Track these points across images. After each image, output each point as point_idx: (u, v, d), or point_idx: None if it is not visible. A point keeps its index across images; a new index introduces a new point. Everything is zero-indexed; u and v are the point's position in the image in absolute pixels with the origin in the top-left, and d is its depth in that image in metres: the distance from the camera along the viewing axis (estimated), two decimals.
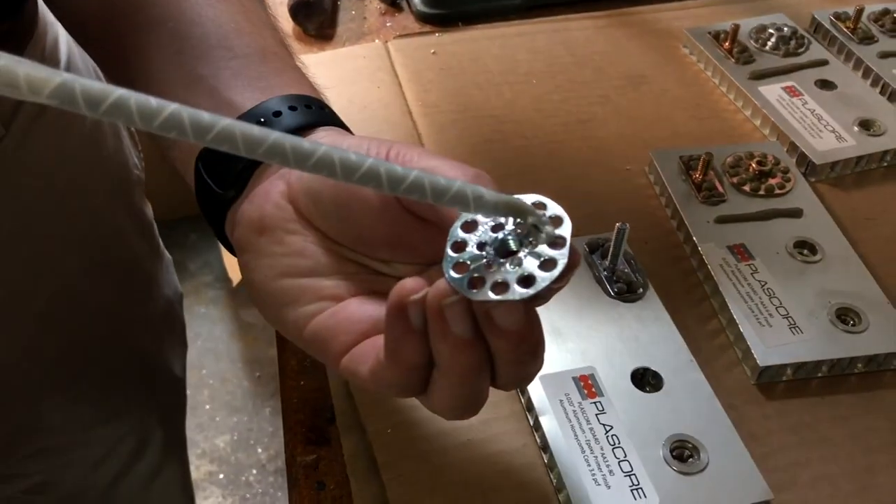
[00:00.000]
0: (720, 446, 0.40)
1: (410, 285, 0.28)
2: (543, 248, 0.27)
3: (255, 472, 1.45)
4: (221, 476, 1.44)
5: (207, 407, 1.52)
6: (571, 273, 0.28)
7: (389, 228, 0.32)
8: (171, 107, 0.20)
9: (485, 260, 0.28)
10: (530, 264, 0.27)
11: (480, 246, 0.28)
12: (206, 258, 1.71)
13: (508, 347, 0.29)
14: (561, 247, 0.27)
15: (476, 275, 0.28)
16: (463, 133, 0.59)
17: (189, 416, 1.55)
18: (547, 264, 0.27)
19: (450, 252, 0.29)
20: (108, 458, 0.64)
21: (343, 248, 0.34)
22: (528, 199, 0.28)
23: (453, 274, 0.28)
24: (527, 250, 0.27)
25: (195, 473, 1.42)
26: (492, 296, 0.27)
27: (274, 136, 0.22)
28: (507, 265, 0.27)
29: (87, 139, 0.54)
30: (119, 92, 0.20)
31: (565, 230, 0.27)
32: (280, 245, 0.34)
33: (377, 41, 0.68)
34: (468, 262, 0.28)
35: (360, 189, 0.31)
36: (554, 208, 0.28)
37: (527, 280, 0.27)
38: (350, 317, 0.32)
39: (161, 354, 0.67)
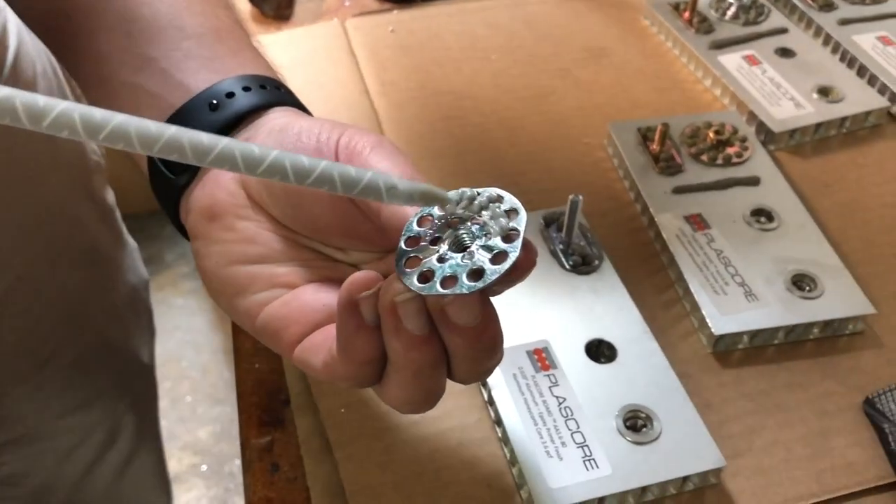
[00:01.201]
0: (674, 415, 0.40)
1: (362, 280, 0.28)
2: (496, 241, 0.27)
3: (237, 462, 1.45)
4: (204, 468, 1.43)
5: (189, 399, 1.52)
6: (525, 265, 0.27)
7: (341, 219, 0.32)
8: (117, 118, 0.20)
9: (437, 254, 0.27)
10: (482, 257, 0.26)
11: (435, 241, 0.28)
12: (182, 249, 1.69)
13: (464, 344, 0.28)
14: (514, 240, 0.26)
15: (426, 268, 0.27)
16: (421, 111, 0.59)
17: (170, 409, 1.55)
18: (498, 257, 0.26)
19: (403, 246, 0.28)
20: (79, 447, 0.63)
21: (297, 234, 0.33)
22: (486, 192, 0.28)
23: (405, 269, 0.28)
24: (480, 243, 0.27)
25: (178, 466, 1.41)
26: (440, 289, 0.27)
27: (223, 143, 0.21)
28: (460, 259, 0.27)
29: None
30: (62, 106, 0.19)
31: (520, 223, 0.27)
32: (231, 231, 0.33)
33: (335, 20, 0.67)
34: (421, 257, 0.28)
35: None
36: (511, 201, 0.28)
37: (476, 273, 0.26)
38: (303, 306, 0.32)
39: (128, 342, 0.66)
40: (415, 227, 0.29)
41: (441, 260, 0.27)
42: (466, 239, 0.27)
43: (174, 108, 0.35)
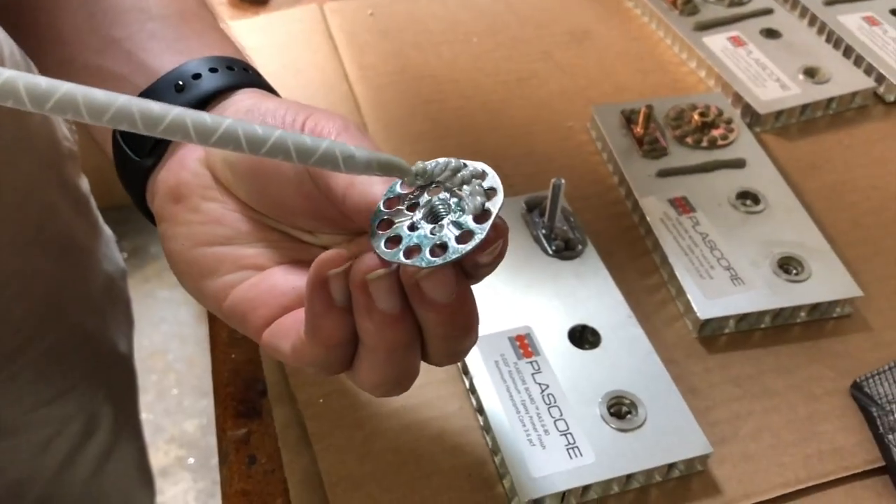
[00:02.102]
0: (659, 402, 0.39)
1: (331, 258, 0.27)
2: (467, 220, 0.26)
3: None
4: (192, 460, 1.42)
5: (175, 391, 1.50)
6: (484, 246, 0.26)
7: (308, 201, 0.31)
8: (64, 87, 0.19)
9: (410, 221, 0.27)
10: (449, 234, 0.26)
11: (412, 206, 0.27)
12: None
13: (439, 321, 0.27)
14: (485, 221, 0.26)
15: (395, 234, 0.27)
16: (400, 95, 0.58)
17: (156, 402, 1.54)
18: (465, 237, 0.26)
19: (381, 206, 0.28)
20: (55, 439, 0.62)
21: (264, 216, 0.33)
22: (472, 166, 0.27)
23: (378, 231, 0.27)
24: (452, 218, 0.26)
25: (164, 459, 1.40)
26: (401, 258, 0.26)
27: (174, 112, 0.20)
28: (429, 231, 0.26)
29: (9, 111, 0.52)
30: (6, 75, 0.18)
31: (494, 204, 0.26)
32: (197, 213, 0.33)
33: (313, 4, 0.66)
34: (394, 221, 0.27)
35: (276, 160, 0.30)
36: (492, 180, 0.27)
37: (441, 248, 0.26)
38: (272, 288, 0.31)
39: (105, 332, 0.65)
40: (397, 188, 0.28)
41: (412, 228, 0.27)
42: (441, 210, 0.27)
43: (139, 90, 0.35)
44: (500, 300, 0.43)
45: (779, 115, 0.55)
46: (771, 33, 0.61)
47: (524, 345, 0.41)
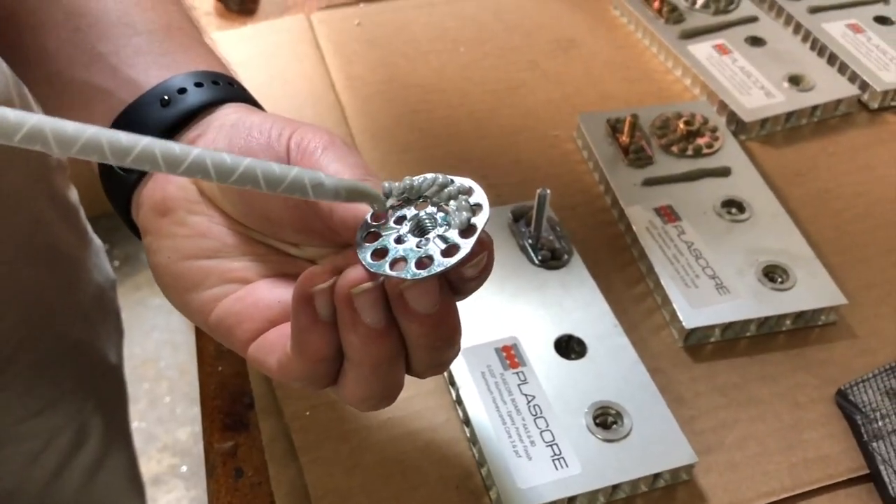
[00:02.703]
0: (644, 411, 0.39)
1: (317, 272, 0.27)
2: (453, 234, 0.26)
3: None
4: (184, 468, 1.42)
5: (167, 399, 1.50)
6: (476, 259, 0.27)
7: (294, 215, 0.31)
8: (33, 119, 0.19)
9: (397, 234, 0.27)
10: (435, 247, 0.26)
11: (399, 219, 0.28)
12: None
13: (422, 332, 0.27)
14: (470, 236, 0.26)
15: (381, 246, 0.27)
16: (387, 104, 0.58)
17: (148, 410, 1.53)
18: (450, 250, 0.26)
19: (367, 219, 0.28)
20: (45, 451, 0.62)
21: (250, 229, 0.33)
22: (459, 182, 0.28)
23: (364, 243, 0.27)
24: (439, 232, 0.27)
25: (157, 467, 1.40)
26: (387, 270, 0.26)
27: (144, 141, 0.20)
28: (415, 244, 0.27)
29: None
30: None
31: (479, 220, 0.26)
32: (182, 226, 0.33)
33: (300, 14, 0.66)
34: (381, 233, 0.28)
35: None
36: (479, 196, 0.27)
37: (426, 262, 0.26)
38: (257, 301, 0.31)
39: (94, 342, 0.65)
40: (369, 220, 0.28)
41: (398, 241, 0.27)
42: (428, 224, 0.27)
43: (125, 104, 0.35)
44: (487, 311, 0.43)
45: (764, 122, 0.55)
46: (756, 41, 0.61)
47: (510, 355, 0.41)
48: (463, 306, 0.29)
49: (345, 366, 0.29)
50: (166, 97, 0.34)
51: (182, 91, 0.34)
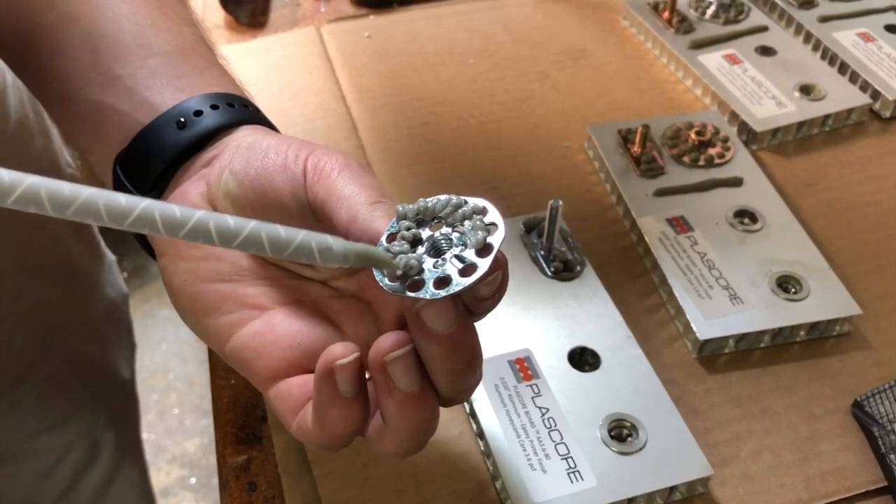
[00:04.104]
0: (659, 423, 0.39)
1: (339, 351, 0.28)
2: (470, 254, 0.27)
3: None
4: (193, 480, 1.42)
5: (176, 411, 1.50)
6: (492, 276, 0.27)
7: None
8: (27, 181, 0.19)
9: (413, 260, 0.27)
10: (452, 267, 0.26)
11: (414, 242, 0.28)
12: None
13: (442, 354, 0.27)
14: (486, 255, 0.26)
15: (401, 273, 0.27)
16: (398, 116, 0.58)
17: (157, 422, 1.53)
18: (467, 270, 0.26)
19: (383, 242, 0.28)
20: (58, 466, 0.62)
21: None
22: (472, 202, 0.28)
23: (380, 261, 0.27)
24: (455, 252, 0.27)
25: (166, 479, 1.40)
26: (406, 291, 0.27)
27: (143, 205, 0.20)
28: (432, 265, 0.27)
29: (13, 138, 0.52)
30: None
31: (496, 239, 0.27)
32: (198, 249, 0.33)
33: (310, 27, 0.66)
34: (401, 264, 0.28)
35: (278, 194, 0.31)
36: (493, 215, 0.27)
37: (443, 282, 0.26)
38: (277, 341, 0.31)
39: (106, 357, 0.65)
40: (398, 224, 0.28)
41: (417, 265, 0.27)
42: (444, 245, 0.27)
43: (141, 126, 0.35)
44: (500, 323, 0.43)
45: (775, 132, 0.55)
46: (766, 51, 0.61)
47: (524, 368, 0.41)
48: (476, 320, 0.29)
49: (382, 427, 0.29)
50: (182, 119, 0.34)
51: (198, 113, 0.34)
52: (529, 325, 0.43)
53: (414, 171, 0.54)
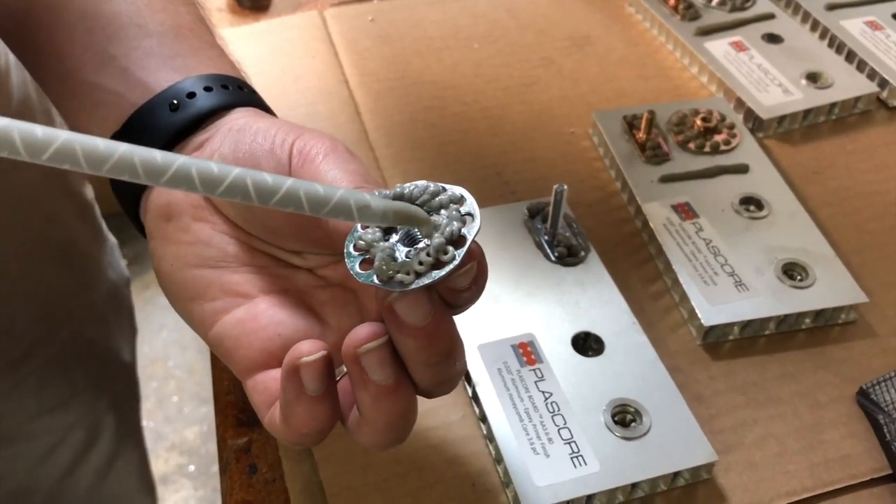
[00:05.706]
0: (663, 409, 0.39)
1: (306, 348, 0.27)
2: (443, 244, 0.26)
3: None
4: (192, 468, 1.42)
5: (175, 399, 1.50)
6: (465, 268, 0.26)
7: (294, 222, 0.31)
8: (63, 137, 0.18)
9: (387, 250, 0.27)
10: (425, 258, 0.26)
11: (388, 230, 0.27)
12: None
13: (417, 346, 0.27)
14: (460, 247, 0.26)
15: (371, 256, 0.27)
16: (400, 101, 0.57)
17: (156, 409, 1.53)
18: (440, 262, 0.26)
19: (358, 228, 0.28)
20: (58, 448, 0.62)
21: (253, 238, 0.33)
22: (451, 190, 0.27)
23: (353, 252, 0.27)
24: (429, 242, 0.26)
25: (165, 466, 1.40)
26: (375, 280, 0.26)
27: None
28: (404, 255, 0.26)
29: (16, 118, 0.52)
30: None
31: (471, 231, 0.26)
32: (186, 233, 0.33)
33: (313, 10, 0.66)
34: (373, 257, 0.27)
35: None
36: (470, 206, 0.27)
37: (414, 273, 0.26)
38: (257, 331, 0.31)
39: (107, 340, 0.65)
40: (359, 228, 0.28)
41: (391, 257, 0.27)
42: (418, 234, 0.27)
43: (135, 107, 0.35)
44: (503, 307, 0.43)
45: (781, 120, 0.55)
46: (773, 38, 0.60)
47: (527, 352, 0.41)
48: (478, 303, 0.28)
49: (359, 420, 0.29)
50: (175, 101, 0.34)
51: (191, 95, 0.34)
52: (533, 309, 0.43)
53: (417, 156, 0.54)
